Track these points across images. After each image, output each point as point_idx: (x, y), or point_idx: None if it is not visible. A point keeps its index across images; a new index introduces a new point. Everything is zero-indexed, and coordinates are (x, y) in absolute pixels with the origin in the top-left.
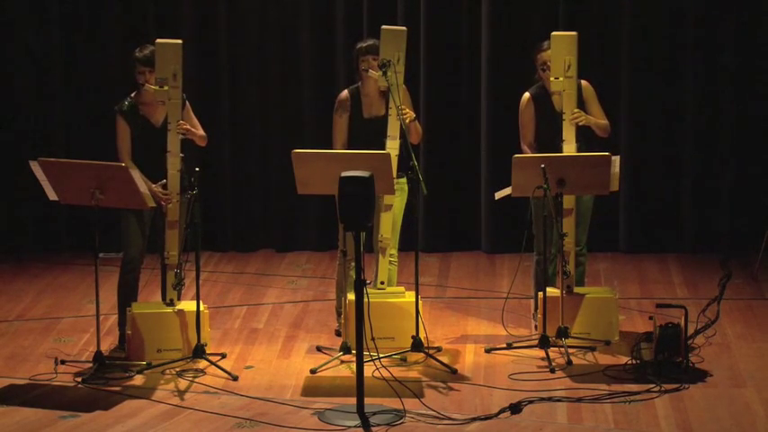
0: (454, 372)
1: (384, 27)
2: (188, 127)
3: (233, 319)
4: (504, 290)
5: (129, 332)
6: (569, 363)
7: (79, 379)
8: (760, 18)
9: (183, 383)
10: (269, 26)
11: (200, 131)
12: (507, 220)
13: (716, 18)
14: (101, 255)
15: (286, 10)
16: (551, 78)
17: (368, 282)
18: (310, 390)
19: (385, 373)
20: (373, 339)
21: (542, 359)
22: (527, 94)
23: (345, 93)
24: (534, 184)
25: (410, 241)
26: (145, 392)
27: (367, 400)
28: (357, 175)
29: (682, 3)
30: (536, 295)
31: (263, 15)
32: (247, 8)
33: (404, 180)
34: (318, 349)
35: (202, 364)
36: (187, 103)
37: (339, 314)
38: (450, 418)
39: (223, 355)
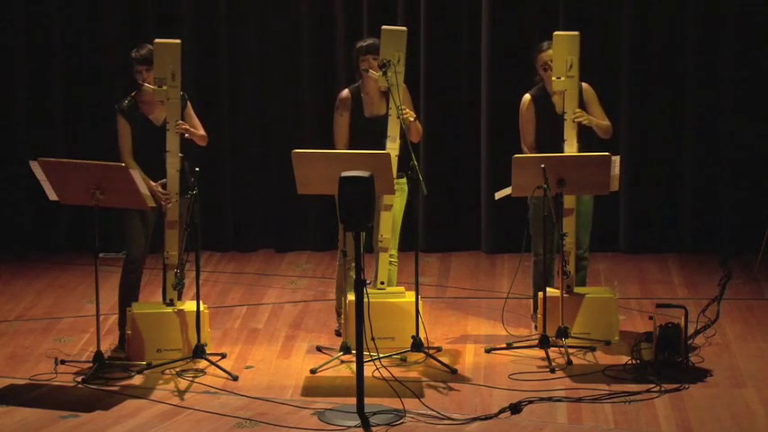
0: (454, 372)
1: (384, 27)
2: (186, 127)
3: (233, 319)
4: (504, 290)
5: (129, 332)
6: (569, 363)
7: (79, 379)
8: (760, 17)
9: (183, 383)
10: (269, 26)
11: (201, 131)
12: (507, 220)
13: (716, 17)
14: (101, 255)
15: (286, 10)
16: (553, 78)
17: (368, 282)
18: (310, 390)
19: (385, 373)
20: (373, 339)
21: (542, 359)
22: (527, 96)
23: (346, 91)
24: (534, 184)
25: (410, 241)
26: (145, 392)
27: (367, 400)
28: (357, 175)
29: (682, 2)
30: (536, 295)
31: (263, 15)
32: (247, 8)
33: (404, 180)
34: (318, 349)
35: (202, 364)
36: (188, 102)
37: (339, 314)
38: (450, 418)
39: (223, 355)
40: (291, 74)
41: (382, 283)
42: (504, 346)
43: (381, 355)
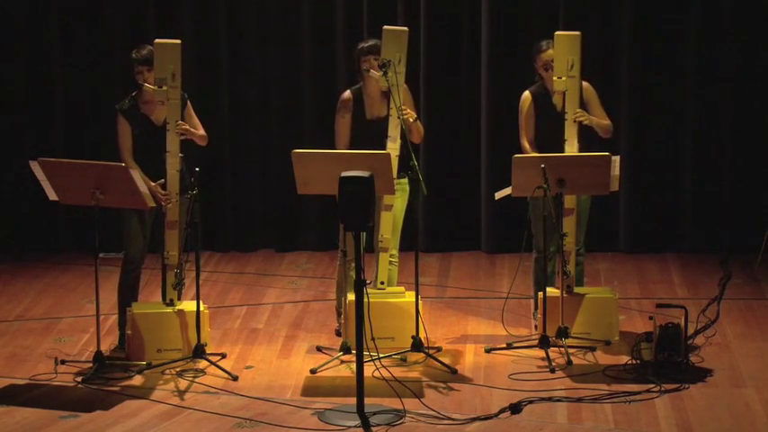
0: (454, 372)
1: (386, 27)
2: (187, 127)
3: (233, 319)
4: (504, 290)
5: (129, 332)
6: (569, 363)
7: (79, 379)
8: (760, 17)
9: (183, 383)
10: (269, 26)
11: (201, 131)
12: (507, 220)
13: (716, 17)
14: (101, 255)
15: (286, 10)
16: (554, 78)
17: (368, 282)
18: (310, 390)
19: (385, 373)
20: (373, 339)
21: (542, 359)
22: (527, 93)
23: (348, 93)
24: (534, 184)
25: (410, 241)
26: (145, 392)
27: (367, 400)
28: (357, 175)
29: (682, 2)
30: (536, 295)
31: (262, 15)
32: (247, 8)
33: (405, 180)
34: (318, 349)
35: (202, 364)
36: (188, 102)
37: (339, 314)
38: (450, 418)
39: (223, 355)
40: (292, 74)
41: (382, 283)
42: (504, 346)
43: (381, 355)
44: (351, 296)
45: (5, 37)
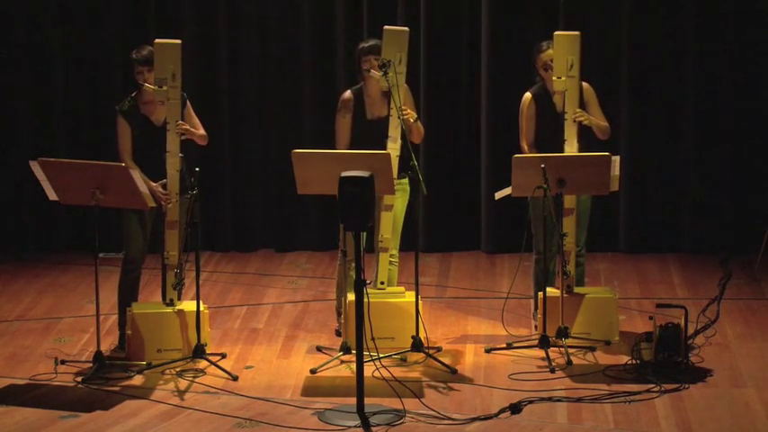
0: (454, 372)
1: (386, 27)
2: (187, 127)
3: (233, 319)
4: (504, 290)
5: (129, 332)
6: (569, 363)
7: (79, 379)
8: (759, 15)
9: (183, 383)
10: (269, 26)
11: (201, 131)
12: (507, 220)
13: (715, 17)
14: (101, 255)
15: (286, 10)
16: (554, 78)
17: (368, 282)
18: (310, 390)
19: (385, 373)
20: (373, 339)
21: (542, 359)
22: (528, 94)
23: (348, 93)
24: (534, 184)
25: (410, 241)
26: (145, 392)
27: (367, 400)
28: (357, 175)
29: (681, 2)
30: (536, 295)
31: (263, 15)
32: (247, 8)
33: (405, 181)
34: (318, 349)
35: (202, 364)
36: (188, 102)
37: (339, 314)
38: (450, 418)
39: (223, 355)
40: (291, 74)
41: (382, 283)
42: (504, 346)
43: (381, 355)
44: (351, 296)
45: (5, 37)
